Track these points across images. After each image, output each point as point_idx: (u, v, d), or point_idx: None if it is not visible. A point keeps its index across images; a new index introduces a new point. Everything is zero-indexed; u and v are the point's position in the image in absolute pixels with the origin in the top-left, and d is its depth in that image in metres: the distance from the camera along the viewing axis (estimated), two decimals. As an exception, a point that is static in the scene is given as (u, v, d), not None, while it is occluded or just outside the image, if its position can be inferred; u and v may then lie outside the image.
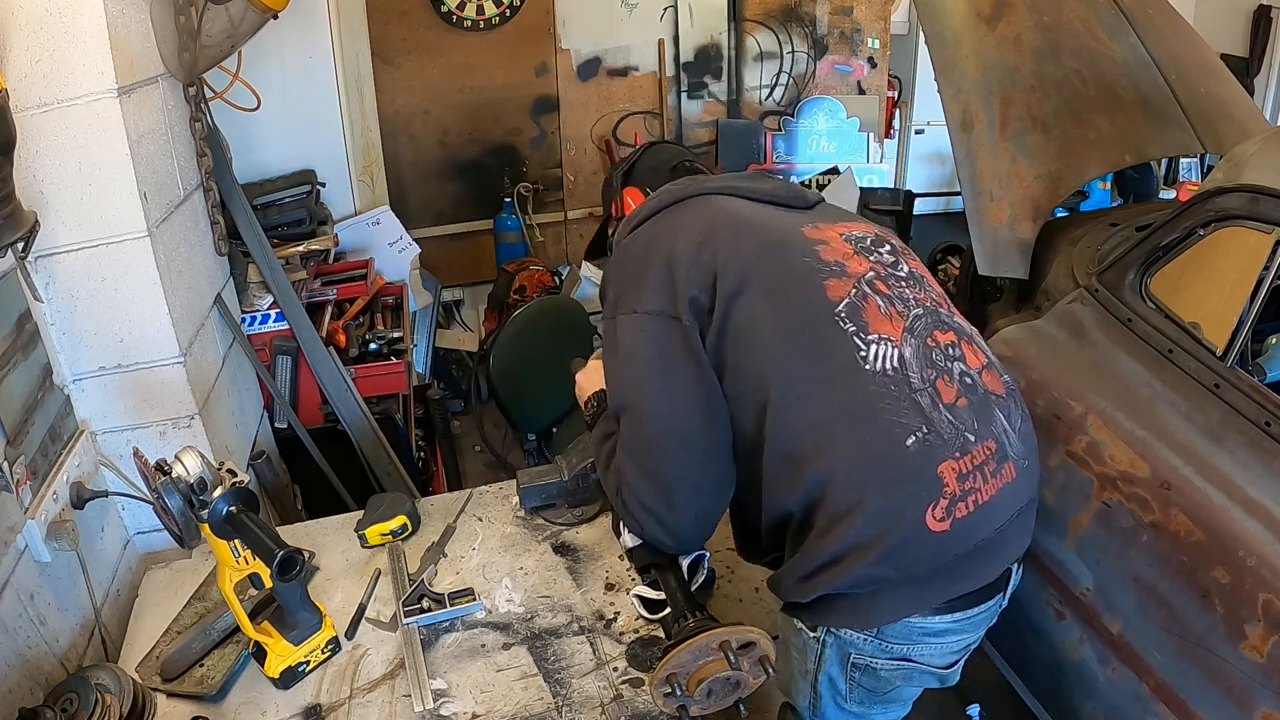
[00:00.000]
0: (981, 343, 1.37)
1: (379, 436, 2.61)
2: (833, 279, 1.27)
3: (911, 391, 1.20)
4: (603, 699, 1.38)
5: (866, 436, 1.19)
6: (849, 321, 1.23)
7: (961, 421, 1.22)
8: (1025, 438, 1.32)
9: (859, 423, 1.19)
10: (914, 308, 1.29)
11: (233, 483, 1.35)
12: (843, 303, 1.24)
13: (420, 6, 4.15)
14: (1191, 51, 2.49)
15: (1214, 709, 1.46)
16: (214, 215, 2.21)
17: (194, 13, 1.91)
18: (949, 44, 2.28)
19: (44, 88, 1.59)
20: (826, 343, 1.22)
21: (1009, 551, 1.32)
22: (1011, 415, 1.30)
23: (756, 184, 1.47)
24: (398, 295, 3.20)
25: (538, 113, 4.51)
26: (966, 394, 1.25)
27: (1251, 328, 1.60)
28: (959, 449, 1.20)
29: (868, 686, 1.33)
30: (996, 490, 1.23)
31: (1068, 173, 2.18)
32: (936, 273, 3.04)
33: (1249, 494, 1.48)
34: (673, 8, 4.61)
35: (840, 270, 1.28)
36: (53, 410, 1.63)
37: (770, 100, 4.94)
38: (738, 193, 1.43)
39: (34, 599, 1.46)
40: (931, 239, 3.46)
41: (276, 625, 1.43)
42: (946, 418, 1.21)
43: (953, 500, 1.18)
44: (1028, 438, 1.33)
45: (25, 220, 1.43)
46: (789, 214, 1.41)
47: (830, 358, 1.22)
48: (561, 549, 1.72)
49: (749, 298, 1.25)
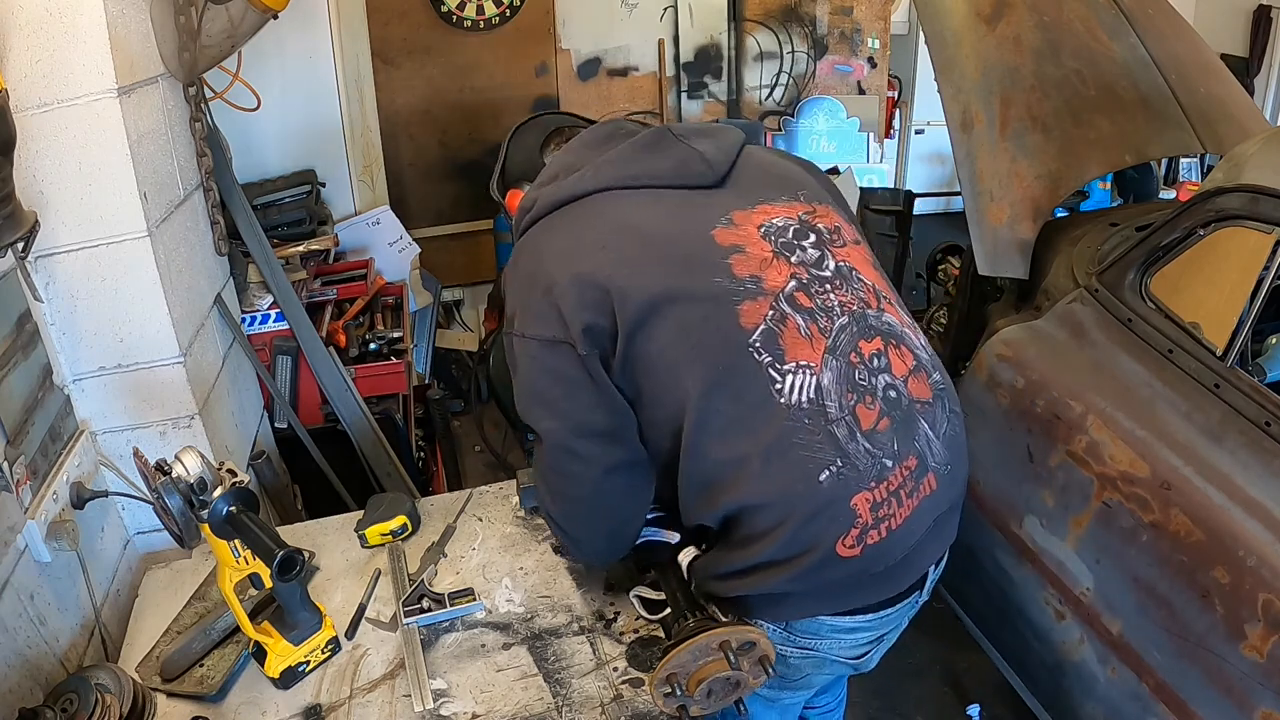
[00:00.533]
0: (913, 340, 1.33)
1: (379, 436, 2.61)
2: (746, 301, 1.21)
3: (828, 423, 1.18)
4: (603, 699, 1.38)
5: (781, 473, 1.18)
6: (764, 351, 1.19)
7: (880, 448, 1.21)
8: (950, 441, 1.30)
9: (773, 459, 1.18)
10: (838, 318, 1.24)
11: (233, 483, 1.35)
12: (757, 330, 1.19)
13: (420, 6, 4.15)
14: (1191, 51, 2.50)
15: (1214, 709, 1.46)
16: (214, 215, 2.20)
17: (194, 13, 1.91)
18: (949, 44, 2.29)
19: (44, 88, 1.59)
20: (739, 377, 1.19)
21: (925, 560, 1.34)
22: (937, 421, 1.29)
23: (660, 161, 1.32)
24: (398, 295, 3.20)
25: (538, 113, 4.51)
26: (889, 412, 1.23)
27: (1251, 328, 1.60)
28: (874, 478, 1.20)
29: (783, 673, 1.35)
30: (913, 509, 1.24)
31: (1068, 173, 2.18)
32: (936, 273, 3.04)
33: (1249, 494, 1.48)
34: (673, 8, 4.61)
35: (756, 288, 1.22)
36: (53, 410, 1.63)
37: (770, 100, 4.94)
38: (635, 182, 1.30)
39: (34, 599, 1.46)
40: (931, 239, 3.45)
41: (276, 625, 1.43)
42: (864, 447, 1.20)
43: (864, 529, 1.19)
44: (953, 440, 1.31)
45: (25, 220, 1.43)
46: (697, 205, 1.29)
47: (743, 394, 1.18)
48: (561, 549, 1.72)
49: (656, 328, 1.20)
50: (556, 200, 1.33)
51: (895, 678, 2.49)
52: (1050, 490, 1.82)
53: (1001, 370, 2.01)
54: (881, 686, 2.46)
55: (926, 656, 2.56)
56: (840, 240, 1.34)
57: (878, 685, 2.46)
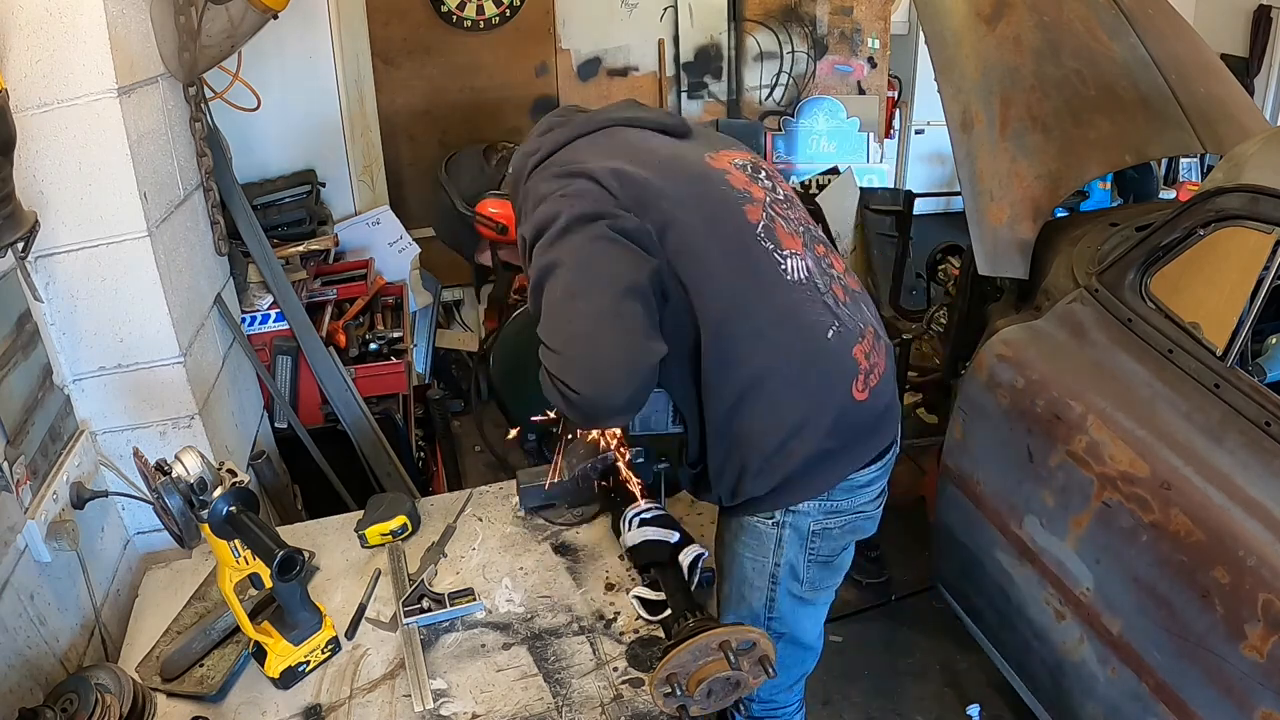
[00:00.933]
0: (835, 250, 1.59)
1: (379, 436, 2.61)
2: (748, 205, 1.43)
3: (820, 295, 1.43)
4: (603, 699, 1.38)
5: (798, 334, 1.39)
6: (767, 240, 1.41)
7: (854, 314, 1.47)
8: (880, 321, 1.57)
9: (789, 324, 1.39)
10: (799, 226, 1.49)
11: (233, 483, 1.35)
12: (760, 225, 1.42)
13: (420, 6, 4.14)
14: (1191, 51, 2.50)
15: (1214, 709, 1.46)
16: (214, 215, 2.20)
17: (194, 13, 1.91)
18: (949, 44, 2.29)
19: (44, 88, 1.59)
20: (755, 260, 1.39)
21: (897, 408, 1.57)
22: (869, 306, 1.55)
23: (643, 113, 1.55)
24: (398, 295, 3.20)
25: (538, 113, 4.50)
26: (846, 294, 1.49)
27: (1251, 328, 1.60)
28: (859, 335, 1.45)
29: (824, 555, 1.52)
30: (884, 362, 1.50)
31: (1068, 173, 2.18)
32: (936, 272, 3.04)
33: (1249, 494, 1.48)
34: (673, 8, 4.61)
35: (748, 196, 1.44)
36: (53, 410, 1.63)
37: (770, 100, 4.94)
38: (633, 122, 1.51)
39: (34, 599, 1.46)
40: (931, 239, 3.45)
41: (276, 625, 1.43)
42: (846, 312, 1.45)
43: (866, 374, 1.44)
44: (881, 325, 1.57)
45: (25, 220, 1.43)
46: (684, 144, 1.52)
47: (760, 272, 1.39)
48: (561, 549, 1.72)
49: (684, 223, 1.35)
50: (563, 140, 1.47)
51: (895, 678, 2.49)
52: (1050, 490, 1.82)
53: (1001, 370, 2.01)
54: (881, 686, 2.46)
55: (926, 656, 2.56)
56: (780, 178, 1.59)
57: (878, 685, 2.46)
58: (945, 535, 2.24)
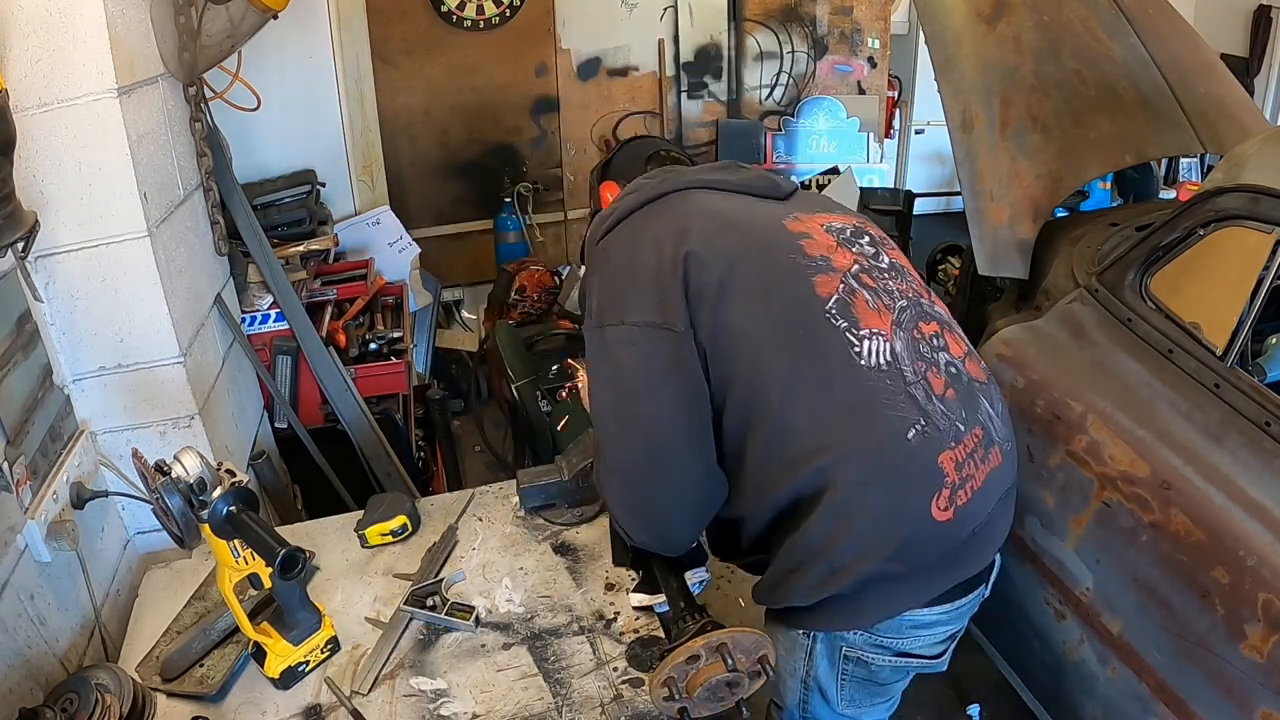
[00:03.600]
0: (960, 331, 1.40)
1: (379, 436, 2.61)
2: (820, 275, 1.26)
3: (906, 385, 1.22)
4: (603, 699, 1.38)
5: (869, 432, 1.19)
6: (840, 318, 1.23)
7: (952, 411, 1.25)
8: (1006, 421, 1.37)
9: (860, 419, 1.20)
10: (898, 300, 1.30)
11: (232, 483, 1.35)
12: (832, 299, 1.24)
13: (420, 6, 4.15)
14: (1191, 51, 2.49)
15: (1214, 709, 1.46)
16: (214, 215, 2.20)
17: (194, 13, 1.91)
18: (949, 44, 2.28)
19: (44, 88, 1.59)
20: (820, 340, 1.22)
21: (998, 536, 1.36)
22: (994, 401, 1.34)
23: (732, 175, 1.43)
24: (398, 295, 3.20)
25: (538, 113, 4.51)
26: (953, 384, 1.27)
27: (1251, 328, 1.59)
28: (953, 438, 1.23)
29: (860, 678, 1.35)
30: (987, 475, 1.27)
31: (1068, 173, 2.18)
32: (936, 272, 3.04)
33: (1249, 494, 1.48)
34: (673, 8, 4.61)
35: (826, 265, 1.28)
36: (53, 410, 1.63)
37: (770, 100, 4.94)
38: (714, 185, 1.39)
39: (34, 599, 1.46)
40: (931, 239, 3.46)
41: (276, 625, 1.43)
42: (940, 408, 1.23)
43: (953, 489, 1.21)
44: (1008, 421, 1.38)
45: (25, 220, 1.43)
46: (767, 205, 1.39)
47: (826, 355, 1.22)
48: (561, 549, 1.72)
49: (738, 299, 1.23)
50: (639, 201, 1.38)
51: (895, 678, 2.49)
52: (1050, 490, 1.82)
53: (1001, 370, 2.00)
54: (881, 686, 2.46)
55: (926, 656, 2.56)
56: (889, 245, 1.43)
57: (878, 685, 2.46)
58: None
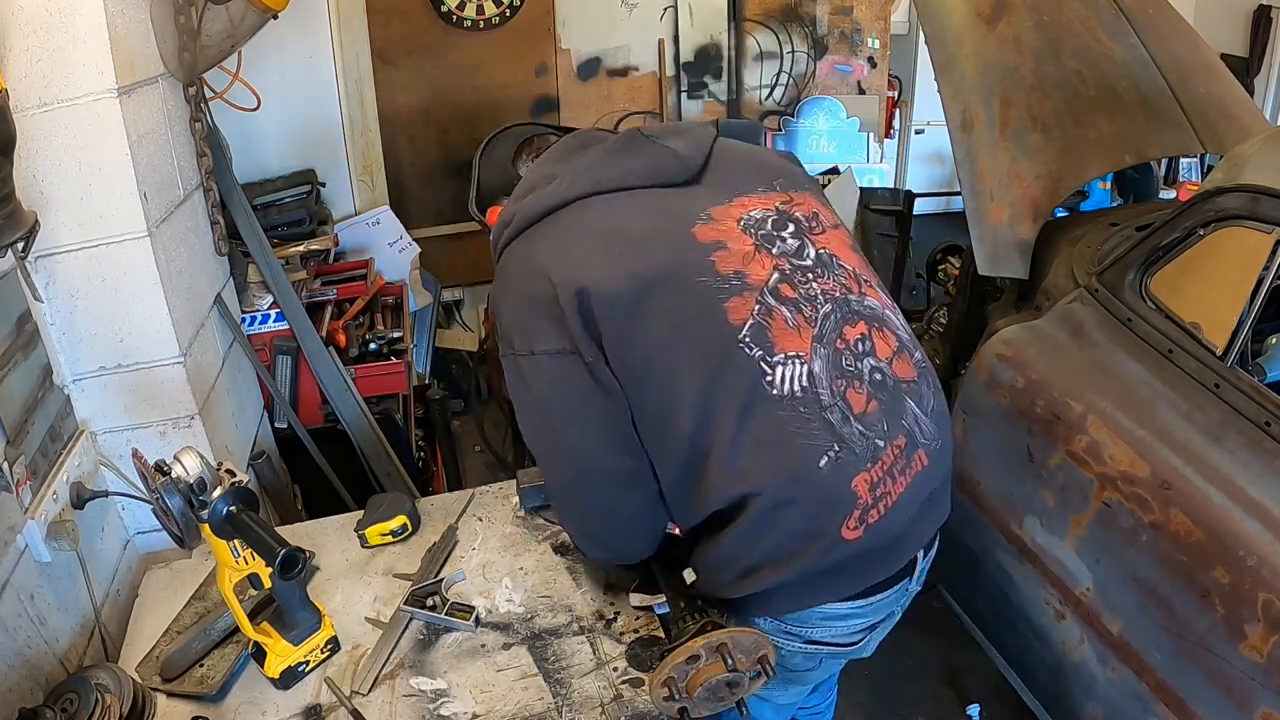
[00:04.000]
0: (894, 321, 1.34)
1: (379, 436, 2.61)
2: (733, 299, 1.22)
3: (822, 410, 1.21)
4: (603, 699, 1.38)
5: (783, 464, 1.20)
6: (754, 345, 1.21)
7: (871, 429, 1.24)
8: (937, 418, 1.34)
9: (772, 450, 1.20)
10: (822, 305, 1.26)
11: (232, 483, 1.35)
12: (746, 326, 1.21)
13: (420, 6, 4.14)
14: (1191, 51, 2.49)
15: (1214, 709, 1.46)
16: (214, 215, 2.20)
17: (194, 13, 1.91)
18: (949, 44, 2.29)
19: (44, 88, 1.59)
20: (733, 372, 1.20)
21: (916, 542, 1.35)
22: (923, 399, 1.32)
23: (634, 160, 1.32)
24: (398, 295, 3.19)
25: (538, 113, 4.51)
26: (876, 394, 1.26)
27: (1251, 328, 1.60)
28: (870, 459, 1.23)
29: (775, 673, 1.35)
30: (906, 485, 1.27)
31: (1068, 173, 2.18)
32: (936, 272, 3.04)
33: (1249, 494, 1.48)
34: (673, 8, 4.61)
35: (740, 284, 1.23)
36: (53, 410, 1.63)
37: (770, 100, 4.94)
38: (611, 186, 1.30)
39: (34, 599, 1.46)
40: (931, 239, 3.45)
41: (276, 625, 1.43)
42: (857, 429, 1.23)
43: (865, 509, 1.22)
44: (940, 417, 1.35)
45: (25, 220, 1.43)
46: (675, 204, 1.30)
47: (737, 389, 1.20)
48: (561, 549, 1.72)
49: (644, 334, 1.21)
50: (535, 213, 1.32)
51: (895, 678, 2.49)
52: (1050, 490, 1.82)
53: (1001, 370, 2.01)
54: (881, 686, 2.46)
55: (926, 656, 2.56)
56: (819, 226, 1.35)
57: (878, 685, 2.46)
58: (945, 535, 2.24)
